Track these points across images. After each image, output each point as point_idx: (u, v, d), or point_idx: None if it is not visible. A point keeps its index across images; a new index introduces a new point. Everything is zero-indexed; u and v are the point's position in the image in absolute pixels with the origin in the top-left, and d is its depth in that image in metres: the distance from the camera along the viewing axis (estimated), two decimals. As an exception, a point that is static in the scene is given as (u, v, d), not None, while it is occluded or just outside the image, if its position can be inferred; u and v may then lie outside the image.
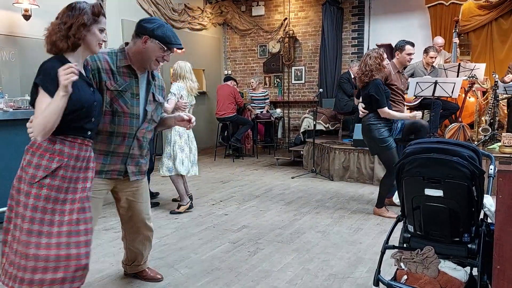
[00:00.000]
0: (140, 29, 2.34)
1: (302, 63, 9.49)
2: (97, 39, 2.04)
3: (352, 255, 3.42)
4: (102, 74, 2.30)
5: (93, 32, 2.02)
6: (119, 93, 2.34)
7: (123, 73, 2.36)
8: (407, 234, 2.40)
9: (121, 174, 2.49)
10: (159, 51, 2.34)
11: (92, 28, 2.01)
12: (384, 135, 4.29)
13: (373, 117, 4.33)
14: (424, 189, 2.20)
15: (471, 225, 2.21)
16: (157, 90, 2.57)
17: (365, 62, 4.30)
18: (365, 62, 4.30)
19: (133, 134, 2.44)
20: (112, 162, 2.43)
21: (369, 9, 8.67)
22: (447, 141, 2.32)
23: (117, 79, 2.33)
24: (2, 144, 4.07)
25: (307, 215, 4.56)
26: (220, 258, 3.38)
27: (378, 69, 4.26)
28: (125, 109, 2.36)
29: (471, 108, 6.48)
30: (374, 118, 4.33)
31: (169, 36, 2.34)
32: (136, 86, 2.40)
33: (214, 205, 4.99)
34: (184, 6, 8.84)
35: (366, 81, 4.29)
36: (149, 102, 2.49)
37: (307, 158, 7.04)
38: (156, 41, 2.32)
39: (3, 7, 5.67)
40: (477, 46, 7.71)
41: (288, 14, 9.48)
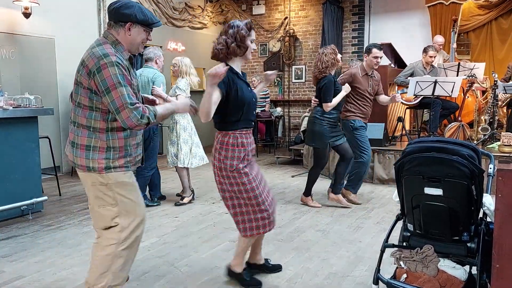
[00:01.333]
0: (120, 17, 2.20)
1: (303, 62, 9.50)
2: (250, 48, 2.73)
3: (351, 254, 3.43)
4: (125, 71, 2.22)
5: (247, 43, 2.70)
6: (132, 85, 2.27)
7: (129, 67, 2.28)
8: (406, 233, 2.41)
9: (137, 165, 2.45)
10: (144, 34, 2.27)
11: (247, 40, 2.68)
12: (324, 131, 4.49)
13: (320, 111, 4.51)
14: (423, 188, 2.20)
15: (471, 224, 2.22)
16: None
17: (321, 60, 4.44)
18: (321, 60, 4.44)
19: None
20: (138, 152, 2.38)
21: (370, 8, 8.67)
22: (446, 140, 2.33)
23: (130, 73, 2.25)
24: (2, 142, 4.08)
25: (307, 213, 4.56)
26: (220, 257, 3.38)
27: (333, 64, 4.43)
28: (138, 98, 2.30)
29: (471, 107, 6.49)
30: (320, 113, 4.51)
31: (150, 16, 2.27)
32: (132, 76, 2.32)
33: (214, 203, 5.00)
34: (184, 5, 8.84)
35: (320, 78, 4.46)
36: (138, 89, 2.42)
37: (307, 157, 7.04)
38: (139, 25, 2.23)
39: (3, 5, 5.67)
40: (476, 46, 7.72)
41: (288, 13, 9.48)
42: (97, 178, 2.20)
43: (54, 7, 6.22)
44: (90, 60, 2.11)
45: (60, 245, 3.65)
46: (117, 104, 2.07)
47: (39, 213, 4.49)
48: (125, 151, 2.24)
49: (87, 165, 2.18)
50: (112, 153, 2.19)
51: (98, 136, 2.17)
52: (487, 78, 6.95)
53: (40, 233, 3.96)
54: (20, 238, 3.81)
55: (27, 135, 4.29)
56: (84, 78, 2.13)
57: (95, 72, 2.08)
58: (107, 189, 2.22)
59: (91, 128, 2.16)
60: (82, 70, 2.14)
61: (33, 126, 4.35)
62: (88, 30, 6.76)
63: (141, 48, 2.32)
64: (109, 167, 2.19)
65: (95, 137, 2.17)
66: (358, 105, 4.72)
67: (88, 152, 2.16)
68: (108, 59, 2.09)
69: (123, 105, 2.07)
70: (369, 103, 4.80)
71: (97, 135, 2.16)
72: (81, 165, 2.20)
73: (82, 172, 2.23)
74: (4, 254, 3.46)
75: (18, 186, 4.19)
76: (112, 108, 2.09)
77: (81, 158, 2.18)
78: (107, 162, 2.18)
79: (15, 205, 4.16)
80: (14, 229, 4.04)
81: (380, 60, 4.72)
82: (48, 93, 6.10)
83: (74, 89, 2.21)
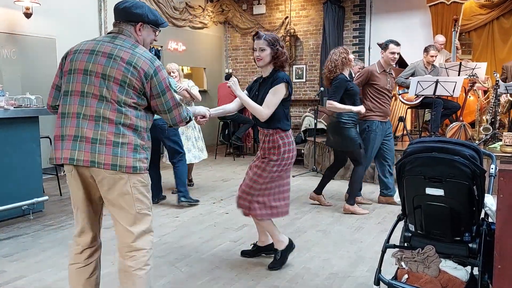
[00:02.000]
0: (131, 16, 2.17)
1: (303, 61, 9.49)
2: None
3: (352, 254, 3.42)
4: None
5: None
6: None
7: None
8: (408, 233, 2.40)
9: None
10: (153, 34, 2.29)
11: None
12: (353, 133, 4.40)
13: (344, 115, 4.38)
14: (425, 188, 2.20)
15: (472, 224, 2.21)
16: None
17: (331, 59, 4.37)
18: (330, 60, 4.37)
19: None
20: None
21: (371, 8, 8.66)
22: (448, 140, 2.32)
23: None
24: (3, 142, 4.08)
25: (308, 214, 4.56)
26: (221, 257, 3.38)
27: (344, 63, 4.32)
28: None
29: (472, 107, 6.48)
30: (346, 116, 4.38)
31: (158, 17, 2.29)
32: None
33: (215, 203, 5.00)
34: (185, 5, 8.83)
35: (332, 78, 4.36)
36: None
37: (308, 156, 7.04)
38: (149, 25, 2.24)
39: (4, 5, 5.68)
40: (478, 45, 7.71)
41: (289, 13, 9.47)
42: (139, 179, 2.12)
43: (55, 7, 6.23)
44: (143, 63, 2.08)
45: (61, 245, 3.64)
46: (171, 104, 2.19)
47: (40, 213, 4.49)
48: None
49: (133, 165, 2.07)
50: (147, 152, 2.19)
51: (142, 135, 2.14)
52: (489, 77, 6.94)
53: (41, 233, 3.96)
54: (21, 238, 3.81)
55: (28, 135, 4.29)
56: (137, 81, 2.07)
57: (153, 75, 2.09)
58: (147, 191, 2.17)
59: (138, 127, 2.11)
60: (134, 72, 2.06)
61: (34, 126, 4.35)
62: (89, 30, 6.76)
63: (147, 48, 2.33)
64: (147, 167, 2.17)
65: (140, 137, 2.12)
66: (377, 103, 4.61)
67: (135, 152, 2.08)
68: (158, 61, 2.16)
69: (176, 105, 2.21)
70: (388, 101, 4.70)
71: (142, 135, 2.14)
72: (127, 166, 2.05)
73: (121, 174, 2.05)
74: (5, 254, 3.46)
75: (19, 186, 4.19)
76: (165, 107, 2.18)
77: (128, 158, 2.05)
78: (147, 162, 2.17)
79: (16, 204, 4.16)
80: (15, 229, 4.05)
81: (397, 56, 4.64)
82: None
83: (117, 89, 2.05)
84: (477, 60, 7.06)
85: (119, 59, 2.07)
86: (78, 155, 2.04)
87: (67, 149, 2.06)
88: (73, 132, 2.05)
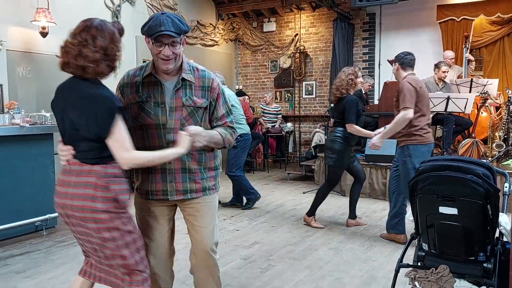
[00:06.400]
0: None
1: (313, 78, 9.53)
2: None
3: (365, 273, 3.38)
4: (125, 89, 2.20)
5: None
6: (141, 104, 2.15)
7: (148, 83, 2.16)
8: (421, 253, 2.38)
9: (166, 194, 2.19)
10: (154, 47, 2.05)
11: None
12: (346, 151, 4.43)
13: (341, 131, 4.43)
14: (438, 207, 2.18)
15: (487, 243, 2.18)
16: (193, 91, 2.17)
17: (339, 77, 4.45)
18: (339, 77, 4.46)
19: (165, 146, 2.11)
20: (154, 180, 2.18)
21: (380, 25, 8.71)
22: (460, 158, 2.31)
23: (139, 91, 2.16)
24: (19, 158, 4.14)
25: (319, 231, 4.53)
26: (231, 275, 3.37)
27: (350, 85, 4.39)
28: (149, 120, 2.12)
29: (485, 123, 6.43)
30: (342, 132, 4.43)
31: (151, 25, 2.02)
32: (161, 94, 2.13)
33: (225, 220, 4.99)
34: (196, 23, 8.97)
35: (338, 96, 4.42)
36: (175, 109, 2.14)
37: (319, 172, 7.02)
38: (146, 37, 2.06)
39: (21, 24, 5.82)
40: (489, 62, 7.68)
41: (299, 30, 9.56)
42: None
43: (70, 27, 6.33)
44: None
45: (73, 261, 3.66)
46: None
47: (52, 228, 4.53)
48: None
49: (216, 186, 2.32)
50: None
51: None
52: (501, 94, 6.90)
53: (54, 249, 3.98)
54: (34, 254, 3.84)
55: (43, 152, 4.36)
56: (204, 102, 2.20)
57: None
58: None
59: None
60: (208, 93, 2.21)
61: (49, 142, 4.42)
62: (102, 48, 6.88)
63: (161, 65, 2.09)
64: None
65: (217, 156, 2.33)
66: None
67: (216, 171, 2.29)
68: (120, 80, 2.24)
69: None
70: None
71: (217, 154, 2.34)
72: (212, 187, 2.28)
73: (208, 195, 2.27)
74: (18, 270, 3.48)
75: (33, 202, 4.24)
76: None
77: (211, 179, 2.28)
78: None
79: (29, 220, 4.20)
80: (28, 245, 4.08)
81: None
82: (62, 110, 6.18)
83: (196, 115, 2.15)
84: (488, 77, 7.03)
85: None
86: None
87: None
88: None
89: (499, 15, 7.28)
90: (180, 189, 2.19)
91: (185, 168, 2.18)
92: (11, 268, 3.50)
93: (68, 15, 6.20)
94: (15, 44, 5.77)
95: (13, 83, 5.80)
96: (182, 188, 2.19)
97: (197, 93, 2.16)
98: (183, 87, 2.15)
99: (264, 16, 9.83)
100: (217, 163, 2.31)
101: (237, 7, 9.45)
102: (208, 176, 2.25)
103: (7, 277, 3.34)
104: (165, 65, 2.08)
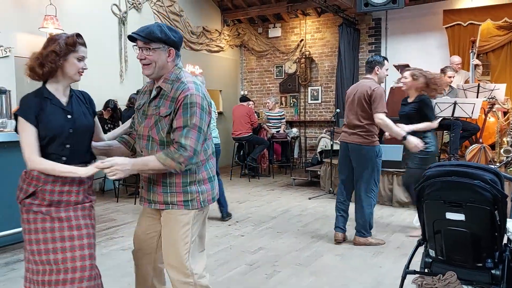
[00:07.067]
0: None
1: (319, 83, 9.53)
2: (75, 67, 2.11)
3: (372, 280, 3.35)
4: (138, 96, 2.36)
5: (70, 61, 2.09)
6: (136, 112, 2.28)
7: (146, 91, 2.27)
8: (428, 259, 2.35)
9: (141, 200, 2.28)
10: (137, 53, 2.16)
11: (69, 57, 2.08)
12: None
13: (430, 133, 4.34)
14: (445, 213, 2.16)
15: (494, 250, 2.16)
16: (164, 101, 2.12)
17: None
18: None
19: (139, 153, 2.24)
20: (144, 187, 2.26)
21: (386, 30, 8.70)
22: (468, 164, 2.28)
23: (140, 98, 2.29)
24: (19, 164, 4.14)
25: (325, 237, 4.50)
26: (237, 280, 3.35)
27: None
28: (136, 128, 2.26)
29: (492, 128, 6.38)
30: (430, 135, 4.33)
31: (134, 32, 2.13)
32: (148, 102, 2.18)
33: (231, 225, 4.97)
34: (202, 29, 9.02)
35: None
36: (147, 117, 2.17)
37: (325, 178, 6.99)
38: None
39: (29, 31, 5.87)
40: (496, 66, 7.64)
41: (304, 36, 9.57)
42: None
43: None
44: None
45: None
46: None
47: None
48: None
49: (188, 203, 2.20)
50: None
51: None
52: (508, 99, 6.85)
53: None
54: (39, 260, 3.84)
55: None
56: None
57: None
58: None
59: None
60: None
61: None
62: (109, 55, 6.93)
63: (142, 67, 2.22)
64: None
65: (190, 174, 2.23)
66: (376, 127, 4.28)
67: (187, 187, 2.20)
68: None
69: None
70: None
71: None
72: (178, 203, 2.17)
73: (171, 209, 2.18)
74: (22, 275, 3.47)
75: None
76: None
77: (179, 195, 2.20)
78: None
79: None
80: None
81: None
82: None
83: (159, 124, 2.12)
84: (496, 81, 6.98)
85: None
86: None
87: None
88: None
89: (506, 20, 7.24)
90: (146, 197, 2.24)
91: (149, 178, 2.19)
92: (18, 273, 3.50)
93: (76, 22, 6.27)
94: (23, 51, 5.81)
95: (21, 90, 5.84)
96: (146, 197, 2.23)
97: (166, 103, 2.11)
98: (160, 97, 2.15)
99: (269, 21, 9.86)
100: (187, 180, 2.15)
101: (242, 13, 9.49)
102: (172, 192, 2.16)
103: (15, 282, 3.34)
104: (143, 70, 2.17)
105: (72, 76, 2.12)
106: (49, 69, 2.06)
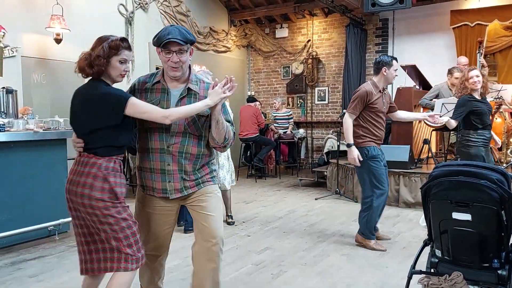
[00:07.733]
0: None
1: (326, 83, 9.52)
2: (118, 70, 2.26)
3: (377, 280, 3.34)
4: (136, 94, 2.39)
5: (113, 64, 2.24)
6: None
7: (156, 90, 2.37)
8: (434, 259, 2.35)
9: (166, 193, 2.40)
10: (163, 55, 2.28)
11: (111, 60, 2.23)
12: (482, 153, 4.16)
13: (472, 133, 4.26)
14: (451, 212, 2.16)
15: (501, 250, 2.15)
16: (197, 101, 2.33)
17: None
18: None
19: (165, 149, 2.34)
20: (156, 179, 2.39)
21: (393, 30, 8.67)
22: (474, 164, 2.28)
23: (147, 96, 2.36)
24: (32, 163, 4.19)
25: (331, 237, 4.50)
26: (242, 280, 3.36)
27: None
28: (154, 124, 2.30)
29: (499, 129, 6.33)
30: (475, 134, 4.24)
31: (161, 35, 2.25)
32: (167, 101, 2.34)
33: (237, 225, 4.98)
34: (209, 29, 9.03)
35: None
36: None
37: (331, 179, 6.98)
38: (156, 48, 2.30)
39: (36, 31, 5.92)
40: (503, 67, 7.58)
41: (311, 36, 9.56)
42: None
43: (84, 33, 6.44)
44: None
45: (85, 265, 3.68)
46: None
47: (65, 233, 4.56)
48: None
49: (213, 179, 2.53)
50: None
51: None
52: (516, 99, 6.79)
53: (66, 253, 4.02)
54: (47, 259, 3.88)
55: (56, 157, 4.41)
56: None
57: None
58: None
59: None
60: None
61: (62, 148, 4.47)
62: (116, 55, 6.97)
63: (170, 71, 2.30)
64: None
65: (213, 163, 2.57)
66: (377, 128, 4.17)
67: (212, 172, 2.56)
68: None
69: None
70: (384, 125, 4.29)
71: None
72: (207, 180, 2.47)
73: (203, 187, 2.44)
74: (31, 274, 3.52)
75: (46, 207, 4.28)
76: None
77: (207, 175, 2.49)
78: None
79: (43, 225, 4.25)
80: (41, 250, 4.12)
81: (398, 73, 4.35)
82: (76, 116, 6.26)
83: (198, 122, 2.35)
84: (503, 82, 6.93)
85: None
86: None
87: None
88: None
89: (514, 20, 7.20)
90: (178, 188, 2.39)
91: (182, 170, 2.37)
92: (24, 272, 3.54)
93: (82, 22, 6.31)
94: (30, 51, 5.87)
95: (27, 89, 5.90)
96: (179, 187, 2.39)
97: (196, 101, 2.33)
98: (188, 96, 2.36)
99: (276, 22, 9.86)
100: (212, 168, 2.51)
101: (249, 13, 9.50)
102: (202, 175, 2.44)
103: (21, 281, 3.37)
104: (173, 72, 2.30)
105: (114, 78, 2.28)
106: (97, 70, 2.22)
